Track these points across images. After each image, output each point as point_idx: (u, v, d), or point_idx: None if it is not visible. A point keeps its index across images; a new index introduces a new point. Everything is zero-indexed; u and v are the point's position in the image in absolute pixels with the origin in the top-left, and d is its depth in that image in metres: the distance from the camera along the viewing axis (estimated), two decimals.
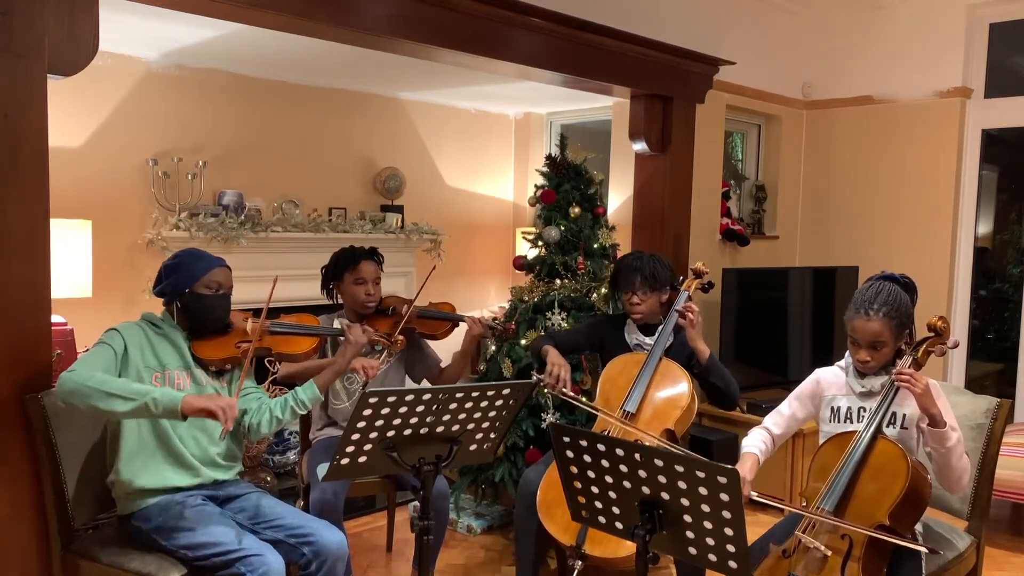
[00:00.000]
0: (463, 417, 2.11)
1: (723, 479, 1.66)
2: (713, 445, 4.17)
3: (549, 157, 3.89)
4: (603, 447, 1.83)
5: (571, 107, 5.54)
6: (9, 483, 2.29)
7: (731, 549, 1.72)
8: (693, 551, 1.79)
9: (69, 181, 3.81)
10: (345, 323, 2.70)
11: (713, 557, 1.76)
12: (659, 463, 1.74)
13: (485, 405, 2.13)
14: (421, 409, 2.02)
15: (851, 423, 2.42)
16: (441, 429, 2.10)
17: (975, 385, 4.92)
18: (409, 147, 5.32)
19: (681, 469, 1.71)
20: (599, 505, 1.92)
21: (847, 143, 5.17)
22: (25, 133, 2.26)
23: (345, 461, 2.03)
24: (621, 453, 1.79)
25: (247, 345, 2.48)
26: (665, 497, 1.76)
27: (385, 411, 1.98)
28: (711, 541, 1.74)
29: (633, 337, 3.15)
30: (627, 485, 1.82)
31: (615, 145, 4.99)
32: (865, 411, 2.41)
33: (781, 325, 4.74)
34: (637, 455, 1.77)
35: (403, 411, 2.00)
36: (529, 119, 5.88)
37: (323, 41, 3.27)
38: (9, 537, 2.30)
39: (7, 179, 2.24)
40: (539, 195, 3.83)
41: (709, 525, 1.73)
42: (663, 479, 1.74)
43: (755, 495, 2.32)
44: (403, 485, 3.02)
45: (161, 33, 3.62)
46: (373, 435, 2.01)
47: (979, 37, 4.75)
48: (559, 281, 3.76)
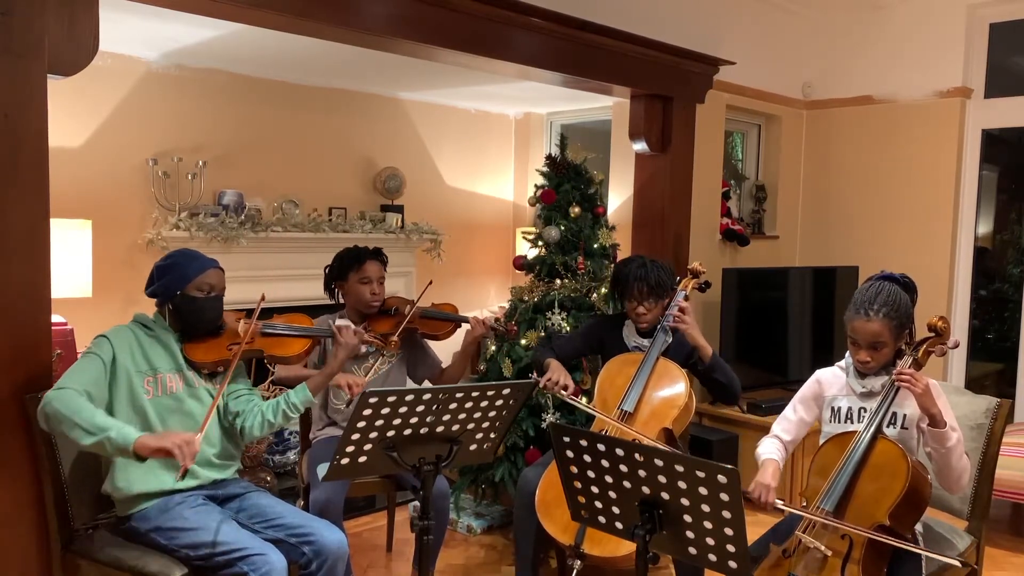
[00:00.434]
0: (463, 417, 2.11)
1: (723, 479, 1.66)
2: (713, 445, 4.17)
3: (549, 157, 3.90)
4: (603, 447, 1.83)
5: (571, 107, 5.54)
6: (9, 483, 2.29)
7: (731, 549, 1.72)
8: (693, 551, 1.79)
9: (69, 181, 3.80)
10: (336, 324, 2.66)
11: (713, 557, 1.76)
12: (659, 463, 1.74)
13: (485, 405, 2.13)
14: (421, 409, 2.02)
15: (851, 423, 2.42)
16: (441, 429, 2.10)
17: (975, 385, 4.92)
18: (409, 147, 5.32)
19: (681, 469, 1.71)
20: (599, 505, 1.92)
21: (847, 143, 5.17)
22: (25, 133, 2.26)
23: (345, 461, 2.03)
24: (621, 453, 1.79)
25: (238, 347, 2.47)
26: (665, 497, 1.76)
27: (385, 411, 1.97)
28: (711, 541, 1.74)
29: (632, 339, 3.15)
30: (627, 485, 1.82)
31: (615, 145, 4.99)
32: (865, 411, 2.41)
33: (781, 325, 4.74)
34: (637, 455, 1.77)
35: (403, 411, 2.00)
36: (529, 119, 5.88)
37: (323, 41, 3.27)
38: (9, 537, 2.30)
39: (7, 179, 2.24)
40: (539, 195, 3.83)
41: (709, 525, 1.73)
42: (663, 479, 1.74)
43: (780, 503, 2.31)
44: (403, 485, 3.02)
45: (161, 33, 3.62)
46: (373, 435, 2.01)
47: (979, 37, 4.75)
48: (559, 281, 3.76)
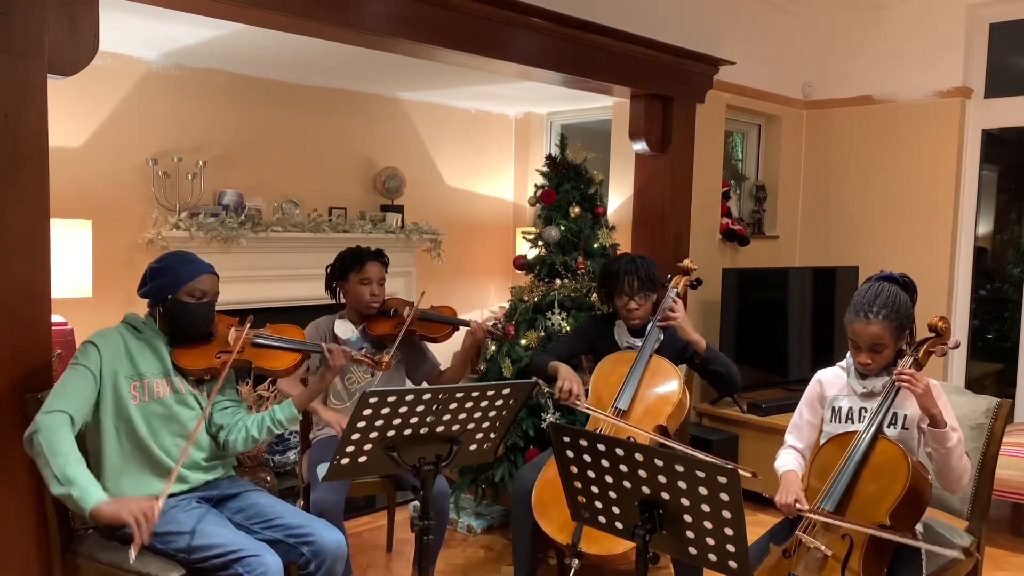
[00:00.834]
0: (463, 417, 2.11)
1: (723, 479, 1.65)
2: (713, 445, 4.17)
3: (549, 157, 3.90)
4: (603, 447, 1.83)
5: (571, 107, 5.54)
6: (9, 483, 2.29)
7: (731, 549, 1.72)
8: (693, 551, 1.79)
9: (69, 181, 3.80)
10: (327, 345, 2.55)
11: (713, 557, 1.75)
12: (659, 463, 1.73)
13: (485, 405, 2.13)
14: (421, 409, 2.02)
15: (852, 423, 2.42)
16: (441, 429, 2.09)
17: (975, 385, 4.92)
18: (409, 147, 5.32)
19: (681, 469, 1.71)
20: (599, 505, 1.92)
21: (847, 143, 5.17)
22: (25, 133, 2.26)
23: (345, 461, 2.03)
24: (621, 453, 1.79)
25: (227, 356, 2.40)
26: (665, 497, 1.76)
27: (385, 411, 1.97)
28: (711, 541, 1.74)
29: (624, 339, 3.15)
30: (627, 485, 1.82)
31: (615, 145, 4.99)
32: (866, 411, 2.40)
33: (781, 325, 4.74)
34: (637, 455, 1.77)
35: (403, 411, 1.99)
36: (529, 119, 5.88)
37: (323, 41, 3.27)
38: (9, 537, 2.30)
39: (7, 179, 2.24)
40: (539, 195, 3.83)
41: (709, 525, 1.73)
42: (663, 479, 1.74)
43: (806, 510, 2.27)
44: (403, 485, 3.02)
45: (161, 33, 3.62)
46: (373, 435, 2.01)
47: (979, 37, 4.75)
48: (559, 281, 3.76)
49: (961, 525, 2.67)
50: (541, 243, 3.83)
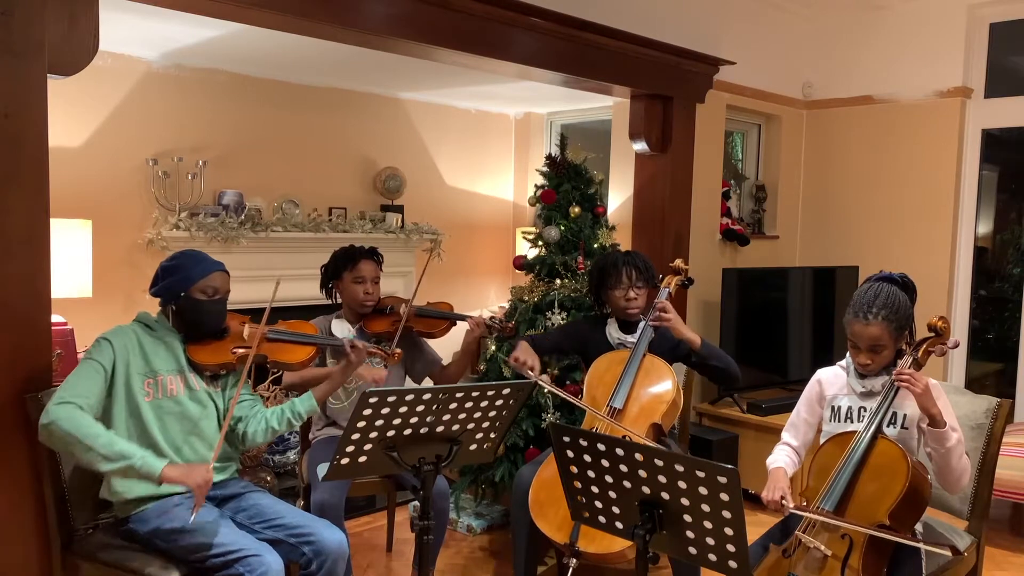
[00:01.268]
0: (463, 417, 2.11)
1: (723, 479, 1.65)
2: (713, 445, 4.17)
3: (549, 157, 3.89)
4: (603, 447, 1.83)
5: (571, 107, 5.54)
6: (9, 483, 2.29)
7: (731, 549, 1.72)
8: (693, 551, 1.79)
9: (69, 181, 3.80)
10: (352, 340, 2.65)
11: (713, 557, 1.76)
12: (659, 463, 1.74)
13: (485, 405, 2.13)
14: (421, 409, 2.02)
15: (852, 423, 2.42)
16: (441, 429, 2.10)
17: (975, 385, 4.93)
18: (409, 147, 5.32)
19: (681, 469, 1.71)
20: (599, 505, 1.92)
21: (847, 143, 5.17)
22: (25, 133, 2.26)
23: (345, 461, 2.03)
24: (621, 453, 1.79)
25: (243, 351, 2.45)
26: (665, 497, 1.76)
27: (385, 411, 1.98)
28: (711, 541, 1.74)
29: (615, 336, 3.15)
30: (627, 485, 1.82)
31: (615, 145, 4.99)
32: (866, 411, 2.41)
33: (781, 325, 4.74)
34: (637, 455, 1.77)
35: (403, 411, 2.00)
36: (529, 119, 5.88)
37: (323, 41, 3.27)
38: (9, 537, 2.30)
39: (7, 179, 2.24)
40: (539, 195, 3.83)
41: (709, 525, 1.73)
42: (663, 479, 1.74)
43: (791, 507, 2.29)
44: (403, 485, 3.02)
45: (161, 33, 3.62)
46: (373, 435, 2.01)
47: (979, 37, 4.75)
48: (559, 281, 3.76)
49: (961, 525, 2.68)
50: (541, 243, 3.83)
